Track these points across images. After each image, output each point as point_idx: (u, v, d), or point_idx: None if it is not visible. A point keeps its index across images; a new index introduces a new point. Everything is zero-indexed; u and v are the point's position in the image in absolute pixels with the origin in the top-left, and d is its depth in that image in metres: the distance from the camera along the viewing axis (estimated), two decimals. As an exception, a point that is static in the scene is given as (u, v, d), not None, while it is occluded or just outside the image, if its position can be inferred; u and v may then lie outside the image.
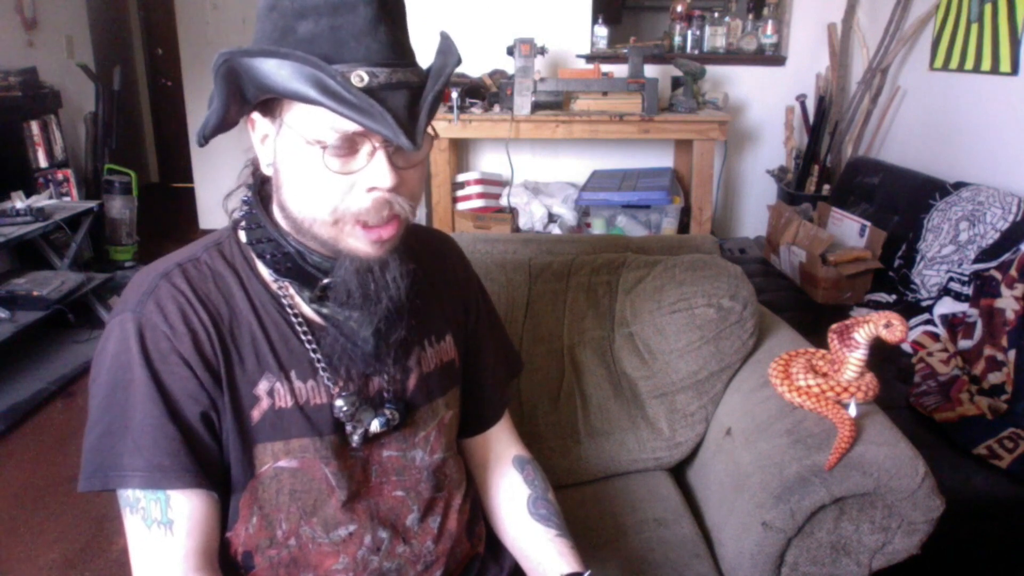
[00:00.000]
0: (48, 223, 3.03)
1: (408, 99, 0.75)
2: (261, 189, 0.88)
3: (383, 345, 0.85)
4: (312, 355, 0.86)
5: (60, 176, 3.64)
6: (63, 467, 2.34)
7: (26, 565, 1.93)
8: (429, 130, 0.80)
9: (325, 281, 0.84)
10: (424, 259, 0.98)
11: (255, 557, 0.86)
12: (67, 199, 3.59)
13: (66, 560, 1.94)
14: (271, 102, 0.79)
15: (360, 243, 0.79)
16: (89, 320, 3.22)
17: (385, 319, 0.83)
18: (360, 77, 0.72)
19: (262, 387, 0.83)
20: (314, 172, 0.76)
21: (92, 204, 3.39)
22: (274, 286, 0.87)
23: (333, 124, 0.74)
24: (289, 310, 0.86)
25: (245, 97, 0.78)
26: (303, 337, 0.86)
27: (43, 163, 3.58)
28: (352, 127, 0.74)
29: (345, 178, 0.76)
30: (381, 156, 0.76)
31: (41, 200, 3.26)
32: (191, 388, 0.80)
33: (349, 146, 0.75)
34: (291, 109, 0.77)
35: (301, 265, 0.84)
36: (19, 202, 3.12)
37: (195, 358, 0.80)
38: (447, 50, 0.79)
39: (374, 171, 0.76)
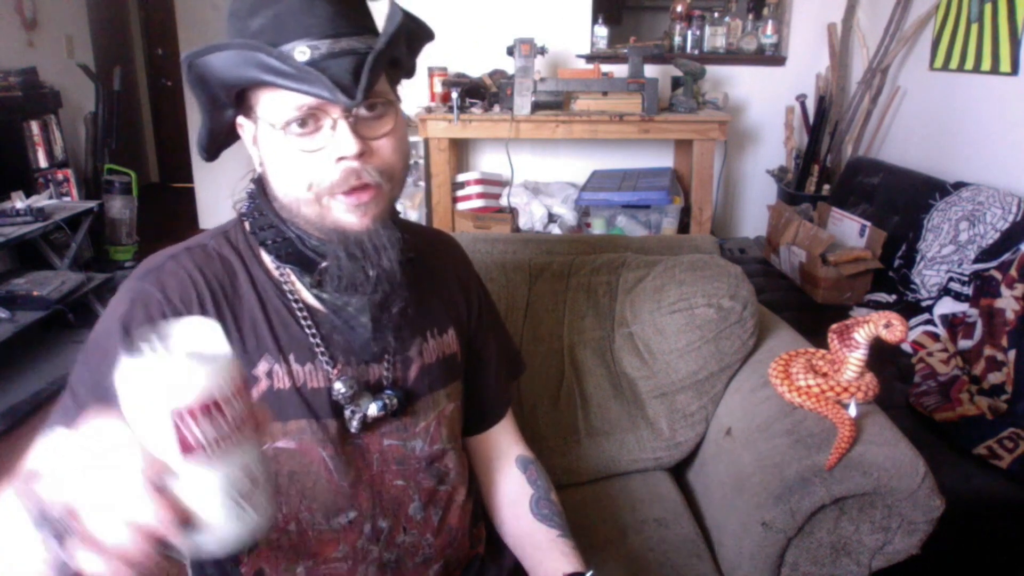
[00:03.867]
0: (48, 223, 3.03)
1: (354, 64, 0.77)
2: (263, 182, 0.91)
3: (382, 325, 0.87)
4: (311, 340, 0.88)
5: (60, 176, 3.64)
6: (63, 467, 2.34)
7: (26, 565, 1.93)
8: (392, 96, 0.83)
9: (323, 264, 0.85)
10: (426, 255, 1.00)
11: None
12: (67, 199, 3.59)
13: (66, 560, 1.94)
14: (247, 102, 0.83)
15: (344, 214, 0.81)
16: (89, 320, 3.22)
17: (381, 290, 0.84)
18: (302, 52, 0.75)
19: (261, 368, 0.85)
20: (285, 153, 0.80)
21: (92, 204, 3.39)
22: (276, 273, 0.89)
23: (287, 102, 0.78)
24: (290, 296, 0.88)
25: (218, 100, 0.82)
26: (303, 322, 0.88)
27: (43, 163, 3.58)
28: (303, 100, 0.77)
29: (315, 154, 0.79)
30: (342, 125, 0.78)
31: (41, 200, 3.26)
32: None
33: (313, 122, 0.79)
34: (259, 101, 0.81)
35: (301, 250, 0.86)
36: (19, 202, 3.12)
37: None
38: (392, 15, 0.81)
39: (337, 141, 0.78)
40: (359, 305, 0.85)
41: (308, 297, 0.89)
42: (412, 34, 0.84)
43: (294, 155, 0.79)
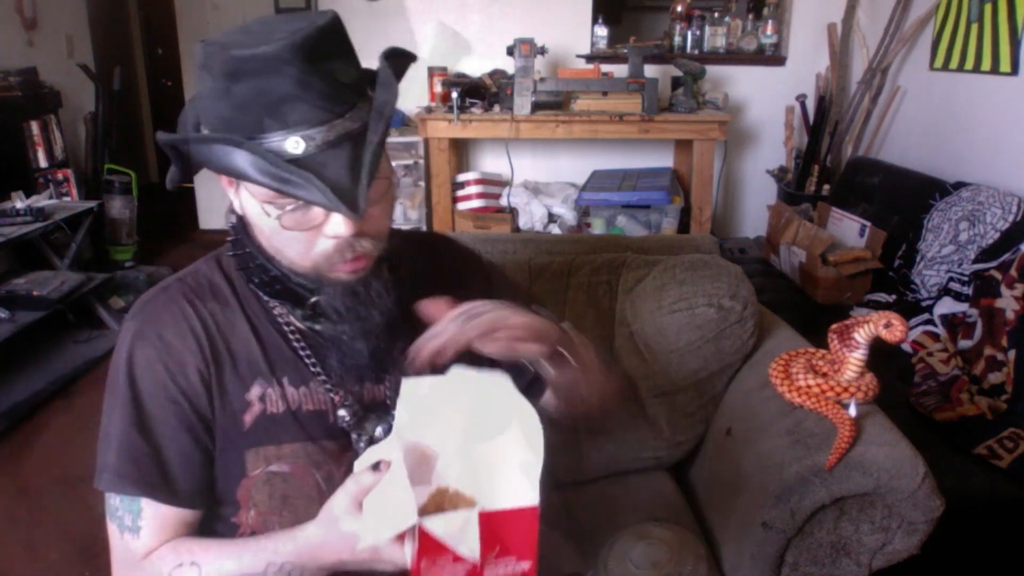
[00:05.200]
0: (48, 223, 3.03)
1: (350, 153, 0.73)
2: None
3: (382, 354, 0.87)
4: (306, 361, 0.88)
5: (60, 176, 3.63)
6: (63, 467, 2.34)
7: (26, 565, 1.93)
8: (388, 166, 0.80)
9: (313, 300, 0.84)
10: (420, 263, 0.99)
11: None
12: (67, 199, 3.58)
13: (66, 560, 1.94)
14: None
15: (337, 274, 0.81)
16: (89, 320, 3.22)
17: (381, 334, 0.85)
18: (295, 143, 0.71)
19: (254, 392, 0.86)
20: (273, 227, 0.77)
21: (92, 204, 3.39)
22: (266, 300, 0.89)
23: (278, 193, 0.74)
24: (280, 319, 0.88)
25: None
26: (295, 345, 0.88)
27: (43, 163, 3.57)
28: None
29: (307, 230, 0.77)
30: (336, 215, 0.75)
31: (41, 200, 3.26)
32: (174, 396, 0.83)
33: (304, 204, 0.74)
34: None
35: (288, 286, 0.85)
36: (19, 202, 3.11)
37: (183, 367, 0.83)
38: (387, 82, 0.76)
39: (331, 223, 0.76)
40: (353, 332, 0.84)
41: (300, 322, 0.89)
42: (401, 76, 0.80)
43: (284, 233, 0.77)
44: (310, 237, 0.77)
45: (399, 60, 0.78)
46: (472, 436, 0.73)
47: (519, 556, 0.68)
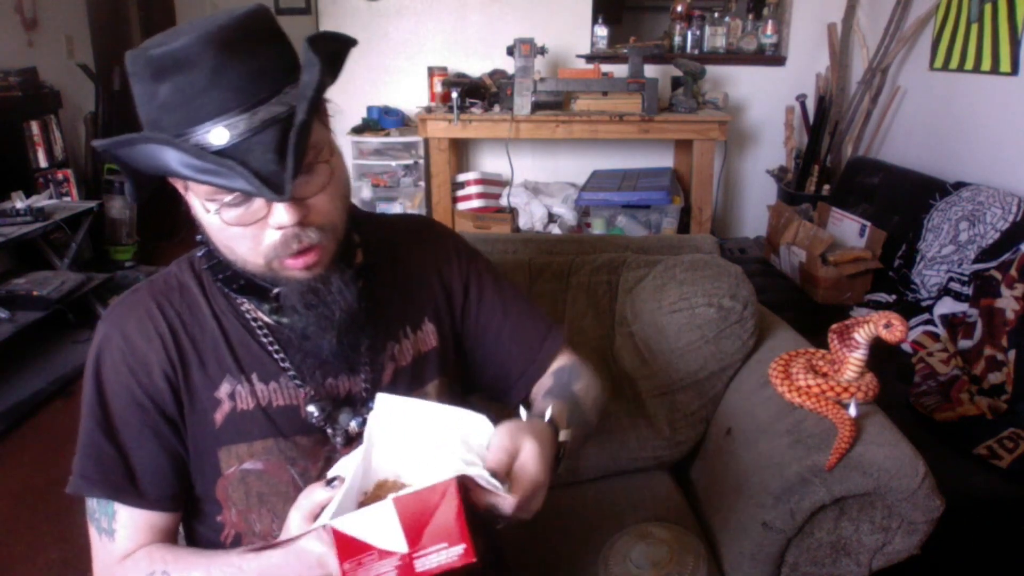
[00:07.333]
0: (48, 223, 3.03)
1: (278, 137, 0.72)
2: None
3: (348, 350, 0.86)
4: (275, 356, 0.87)
5: (60, 176, 3.63)
6: (63, 467, 2.32)
7: (25, 565, 1.93)
8: (322, 136, 0.78)
9: (276, 291, 0.84)
10: (398, 248, 0.98)
11: (243, 541, 0.89)
12: (67, 199, 3.58)
13: (65, 560, 1.94)
14: None
15: (292, 271, 0.80)
16: (89, 320, 3.22)
17: (345, 329, 0.84)
18: (219, 135, 0.71)
19: (223, 390, 0.86)
20: (221, 227, 0.77)
21: (92, 204, 3.39)
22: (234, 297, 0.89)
23: (214, 187, 0.73)
24: (247, 315, 0.88)
25: (144, 175, 0.79)
26: (263, 340, 0.88)
27: (43, 163, 3.57)
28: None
29: (251, 225, 0.76)
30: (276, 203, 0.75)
31: (41, 200, 3.26)
32: (139, 399, 0.84)
33: (243, 196, 0.74)
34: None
35: (253, 281, 0.84)
36: (19, 202, 3.11)
37: (147, 368, 0.84)
38: (308, 64, 0.73)
39: (274, 214, 0.75)
40: (320, 324, 0.84)
41: (267, 317, 0.88)
42: (335, 62, 0.78)
43: (230, 229, 0.76)
44: (257, 232, 0.76)
45: (329, 44, 0.76)
46: (432, 458, 0.72)
47: (450, 541, 0.63)
